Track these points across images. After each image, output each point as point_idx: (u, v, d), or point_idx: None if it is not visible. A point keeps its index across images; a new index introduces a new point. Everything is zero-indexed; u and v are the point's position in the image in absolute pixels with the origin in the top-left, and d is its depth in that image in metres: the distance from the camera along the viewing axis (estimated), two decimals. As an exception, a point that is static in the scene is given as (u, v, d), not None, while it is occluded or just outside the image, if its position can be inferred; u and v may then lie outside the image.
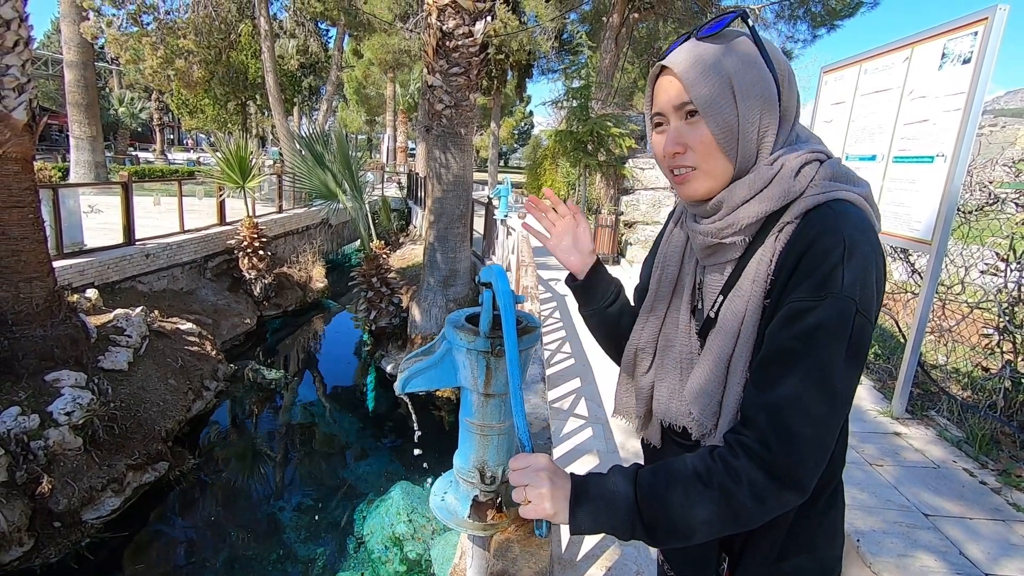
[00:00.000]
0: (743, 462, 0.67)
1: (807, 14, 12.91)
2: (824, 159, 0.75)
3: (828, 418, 0.66)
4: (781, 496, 0.66)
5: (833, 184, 0.72)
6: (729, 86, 0.72)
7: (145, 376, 5.56)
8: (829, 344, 0.65)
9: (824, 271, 0.66)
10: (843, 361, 0.65)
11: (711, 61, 0.73)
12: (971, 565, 2.08)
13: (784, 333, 0.67)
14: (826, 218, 0.69)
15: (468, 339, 0.94)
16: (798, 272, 0.68)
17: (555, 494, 0.74)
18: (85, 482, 4.21)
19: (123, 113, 30.50)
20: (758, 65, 0.73)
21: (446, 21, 6.84)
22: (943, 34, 3.16)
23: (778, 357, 0.68)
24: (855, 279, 0.65)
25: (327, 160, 8.18)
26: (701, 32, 0.75)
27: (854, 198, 0.72)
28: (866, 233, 0.68)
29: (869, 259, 0.66)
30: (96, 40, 13.20)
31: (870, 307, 0.67)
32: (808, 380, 0.65)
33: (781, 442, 0.65)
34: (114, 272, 6.83)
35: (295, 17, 21.26)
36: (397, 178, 24.45)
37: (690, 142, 0.75)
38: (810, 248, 0.67)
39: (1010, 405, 2.97)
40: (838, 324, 0.65)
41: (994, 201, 3.26)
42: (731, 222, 0.75)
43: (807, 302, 0.66)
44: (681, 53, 0.76)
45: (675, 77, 0.75)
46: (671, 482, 0.70)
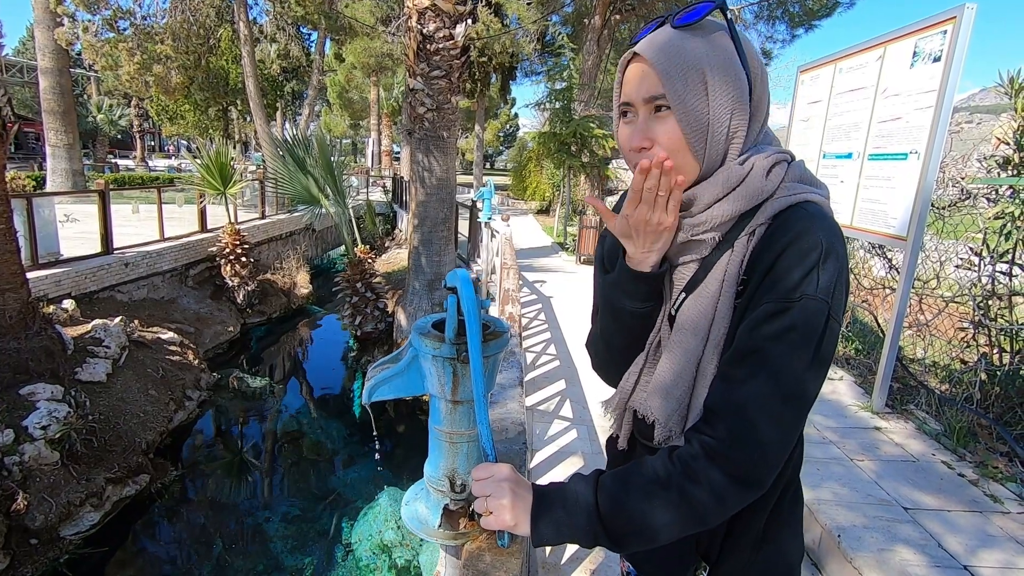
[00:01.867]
0: (703, 463, 0.66)
1: (785, 14, 13.07)
2: (790, 160, 0.75)
3: (793, 420, 0.66)
4: (741, 494, 0.67)
5: (801, 186, 0.72)
6: (703, 82, 0.69)
7: (125, 387, 5.46)
8: (800, 347, 0.64)
9: (801, 273, 0.65)
10: (811, 364, 0.65)
11: (687, 53, 0.70)
12: (950, 558, 2.10)
13: (756, 333, 0.67)
14: (802, 220, 0.68)
15: (434, 346, 0.93)
16: (774, 273, 0.67)
17: (516, 505, 0.73)
18: (63, 497, 4.12)
19: (102, 120, 30.03)
20: (733, 62, 0.71)
21: (426, 24, 6.83)
22: (914, 33, 3.21)
23: (748, 356, 0.67)
24: (829, 282, 0.65)
25: (309, 165, 8.11)
26: (678, 20, 0.72)
27: (821, 200, 0.72)
28: (839, 237, 0.68)
29: (841, 262, 0.66)
30: (71, 46, 12.98)
31: (840, 311, 0.67)
32: (776, 382, 0.64)
33: (744, 443, 0.65)
34: (92, 282, 6.70)
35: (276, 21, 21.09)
36: (382, 182, 24.35)
37: (658, 137, 0.72)
38: (787, 249, 0.66)
39: (986, 397, 3.02)
40: (810, 327, 0.64)
41: (967, 197, 3.32)
42: (705, 219, 0.73)
43: (782, 303, 0.65)
44: (656, 41, 0.72)
45: (648, 66, 0.71)
46: (630, 487, 0.70)
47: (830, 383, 3.82)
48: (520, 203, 22.12)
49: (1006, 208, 2.89)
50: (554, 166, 17.68)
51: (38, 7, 12.84)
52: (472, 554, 0.96)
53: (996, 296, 3.08)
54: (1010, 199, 2.93)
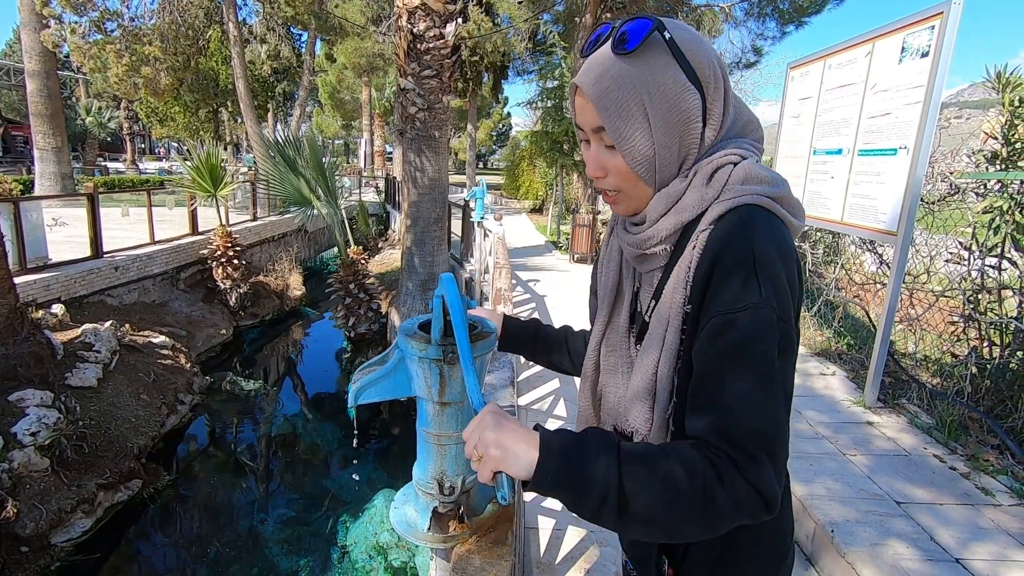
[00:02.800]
0: (725, 464, 0.61)
1: (775, 11, 13.08)
2: (737, 161, 0.73)
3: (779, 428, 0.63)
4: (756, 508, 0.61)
5: (744, 188, 0.70)
6: (643, 113, 0.70)
7: (116, 392, 5.42)
8: (761, 354, 0.63)
9: (739, 283, 0.64)
10: (776, 369, 0.64)
11: (624, 86, 0.69)
12: (942, 551, 2.11)
13: (711, 350, 0.65)
14: (733, 226, 0.68)
15: (420, 347, 0.92)
16: (713, 282, 0.67)
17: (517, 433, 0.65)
18: (53, 504, 4.08)
19: (91, 123, 29.75)
20: (677, 86, 0.70)
21: (417, 24, 6.80)
22: (902, 28, 3.22)
23: (711, 376, 0.65)
24: (769, 286, 0.64)
25: (300, 166, 8.07)
26: (617, 44, 0.71)
27: (765, 201, 0.70)
28: (773, 239, 0.67)
29: (778, 265, 0.65)
30: (58, 49, 12.85)
31: (788, 311, 0.66)
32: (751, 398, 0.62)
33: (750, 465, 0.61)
34: (81, 286, 6.64)
35: (266, 22, 20.98)
36: (375, 182, 24.27)
37: (609, 168, 0.75)
38: (720, 258, 0.66)
39: (976, 391, 3.04)
40: (764, 332, 0.63)
41: (955, 191, 3.33)
42: (651, 234, 0.75)
43: (727, 316, 0.64)
44: (594, 73, 0.72)
45: (588, 102, 0.72)
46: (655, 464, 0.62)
47: (823, 378, 3.83)
48: (513, 202, 22.11)
49: (994, 202, 2.90)
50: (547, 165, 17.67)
51: (24, 9, 12.70)
52: (462, 557, 0.95)
53: (986, 290, 3.10)
54: (998, 193, 2.94)
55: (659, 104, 0.70)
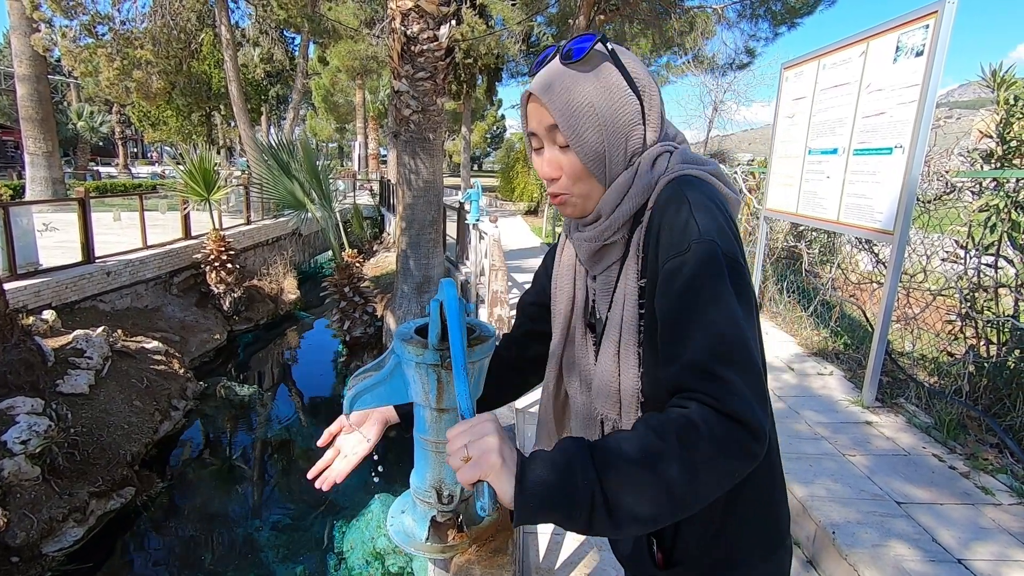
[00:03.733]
0: (693, 408, 0.60)
1: (768, 12, 13.14)
2: (673, 150, 0.80)
3: (745, 352, 0.62)
4: (738, 436, 0.58)
5: (682, 166, 0.77)
6: (595, 116, 0.76)
7: (108, 399, 5.36)
8: (712, 286, 0.65)
9: (680, 227, 0.70)
10: (732, 296, 0.65)
11: (577, 93, 0.76)
12: (944, 551, 2.10)
13: (668, 297, 0.69)
14: (671, 187, 0.75)
15: (417, 352, 0.89)
16: (661, 239, 0.72)
17: (504, 447, 0.63)
18: (44, 513, 4.02)
19: (82, 127, 29.57)
20: (621, 90, 0.77)
21: (410, 26, 6.78)
22: (896, 28, 3.22)
23: (673, 320, 0.68)
24: (709, 226, 0.68)
25: (294, 169, 8.02)
26: (565, 57, 0.78)
27: (699, 173, 0.76)
28: (708, 191, 0.73)
29: (713, 209, 0.70)
30: (49, 53, 12.76)
31: (733, 248, 0.69)
32: (710, 324, 0.63)
33: (714, 388, 0.60)
34: (73, 292, 6.57)
35: (258, 25, 20.91)
36: (369, 185, 24.22)
37: (564, 168, 0.80)
38: (663, 216, 0.73)
39: (974, 389, 3.03)
40: (711, 266, 0.66)
41: (951, 190, 3.34)
42: (609, 223, 0.80)
43: (676, 259, 0.69)
44: (548, 82, 0.78)
45: (542, 106, 0.78)
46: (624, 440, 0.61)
47: (820, 378, 3.83)
48: (508, 204, 22.10)
49: (990, 201, 2.90)
50: (542, 167, 17.62)
51: (14, 13, 12.61)
52: (461, 567, 0.93)
53: (982, 288, 3.10)
54: (994, 192, 2.94)
55: (606, 105, 0.76)
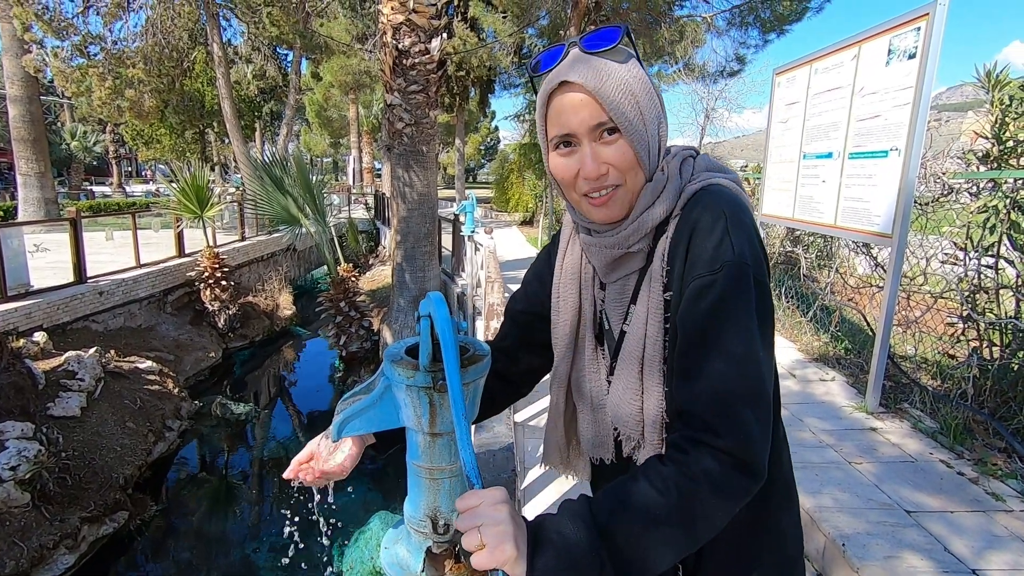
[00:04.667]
0: (694, 456, 0.63)
1: (757, 20, 13.27)
2: (695, 154, 0.81)
3: (759, 387, 0.65)
4: (740, 479, 0.62)
5: (707, 174, 0.77)
6: (636, 103, 0.73)
7: (100, 421, 5.27)
8: (739, 313, 0.65)
9: (714, 244, 0.68)
10: (754, 326, 0.66)
11: (618, 77, 0.73)
12: (957, 561, 2.04)
13: (693, 314, 0.68)
14: (703, 199, 0.73)
15: (407, 374, 0.84)
16: (691, 253, 0.70)
17: (518, 534, 0.62)
18: (35, 540, 3.92)
19: (76, 147, 29.53)
20: (650, 84, 0.76)
21: (402, 39, 6.80)
22: (888, 31, 3.22)
23: (695, 339, 0.67)
24: (743, 245, 0.67)
25: (288, 185, 8.00)
26: (590, 45, 0.74)
27: (726, 182, 0.75)
28: (741, 207, 0.72)
29: (749, 227, 0.70)
30: (41, 73, 12.76)
31: (762, 269, 0.69)
32: (731, 354, 0.64)
33: (725, 424, 0.63)
34: (64, 313, 6.49)
35: (251, 42, 21.00)
36: (364, 199, 24.22)
37: (613, 160, 0.74)
38: (696, 228, 0.70)
39: (979, 392, 2.99)
40: (741, 290, 0.66)
41: (948, 192, 3.32)
42: (637, 227, 0.76)
43: (706, 277, 0.67)
44: (586, 70, 0.73)
45: (586, 95, 0.72)
46: (627, 503, 0.62)
47: (822, 384, 3.78)
48: (504, 215, 22.10)
49: (989, 202, 2.88)
50: (536, 176, 17.69)
51: (5, 35, 12.62)
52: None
53: (983, 290, 3.06)
54: (992, 192, 2.92)
55: (644, 94, 0.74)
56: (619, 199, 0.77)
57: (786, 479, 0.84)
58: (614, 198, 0.77)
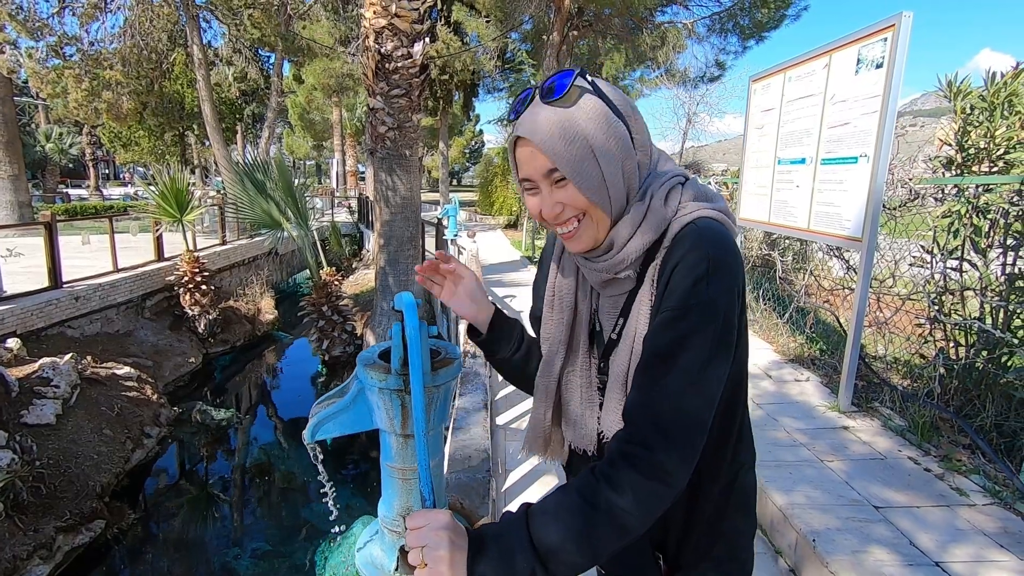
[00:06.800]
0: (620, 468, 0.70)
1: (736, 27, 13.48)
2: (684, 181, 0.83)
3: (698, 415, 0.72)
4: (658, 491, 0.70)
5: (694, 204, 0.80)
6: (588, 148, 0.76)
7: (76, 428, 5.18)
8: (696, 350, 0.71)
9: (691, 283, 0.73)
10: (710, 363, 0.72)
11: (566, 127, 0.75)
12: (922, 555, 2.11)
13: (658, 340, 0.75)
14: (692, 236, 0.76)
15: (379, 378, 0.87)
16: (671, 285, 0.75)
17: (454, 557, 0.69)
18: (7, 552, 3.84)
19: (51, 149, 28.92)
20: (608, 119, 0.77)
21: (384, 43, 6.79)
22: (856, 41, 3.32)
23: (653, 362, 0.74)
24: (719, 289, 0.73)
25: (269, 188, 7.94)
26: (546, 95, 0.77)
27: (715, 214, 0.79)
28: (726, 248, 0.75)
29: (731, 270, 0.74)
30: (15, 75, 12.50)
31: (732, 311, 0.74)
32: (680, 383, 0.71)
33: (660, 442, 0.70)
34: (39, 319, 6.37)
35: (232, 44, 20.79)
36: (348, 203, 24.07)
37: (566, 202, 0.80)
38: (680, 263, 0.75)
39: (945, 391, 3.09)
40: (704, 330, 0.72)
41: (915, 197, 3.42)
42: (622, 258, 0.81)
43: (678, 311, 0.73)
44: (535, 122, 0.77)
45: (535, 148, 0.77)
46: (560, 514, 0.70)
47: (797, 385, 3.87)
48: (488, 218, 22.13)
49: (952, 207, 2.98)
50: (520, 180, 17.67)
51: (-23, 35, 12.34)
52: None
53: (949, 292, 3.17)
54: (955, 198, 3.03)
55: (597, 134, 0.76)
56: (584, 233, 0.82)
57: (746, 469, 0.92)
58: (579, 233, 0.82)
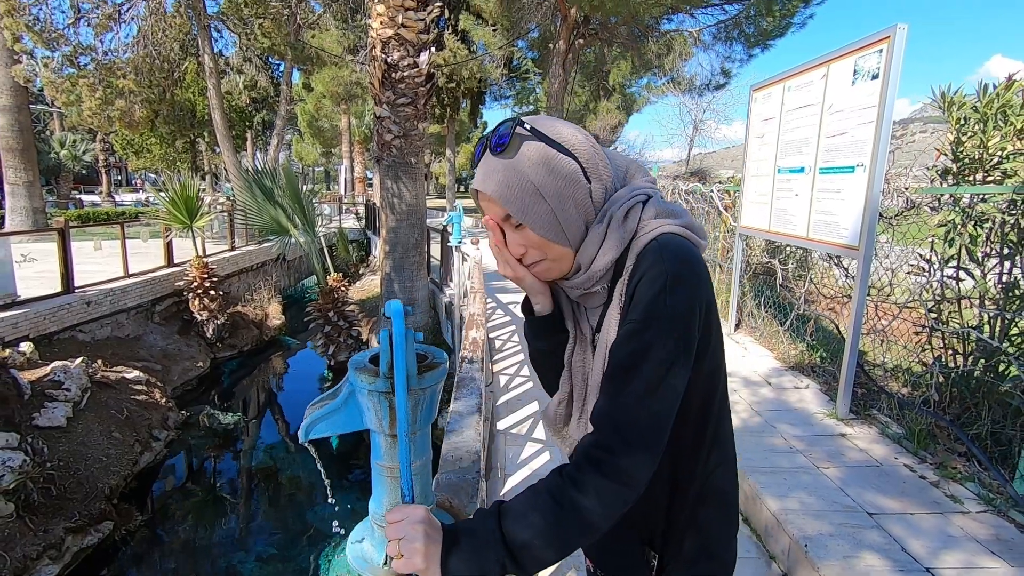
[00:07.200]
0: (584, 470, 0.75)
1: (741, 35, 13.53)
2: (645, 199, 0.85)
3: (657, 422, 0.77)
4: (618, 492, 0.75)
5: (656, 221, 0.83)
6: (535, 190, 0.81)
7: (86, 431, 5.27)
8: (656, 361, 0.76)
9: (651, 297, 0.77)
10: (671, 371, 0.76)
11: (511, 176, 0.81)
12: (913, 561, 2.13)
13: (620, 351, 0.80)
14: (653, 252, 0.80)
15: (369, 380, 0.92)
16: (635, 298, 0.80)
17: (428, 548, 0.75)
18: (18, 551, 3.92)
19: (65, 156, 29.41)
20: (551, 160, 0.81)
21: (391, 53, 6.90)
22: (853, 52, 3.36)
23: (617, 372, 0.79)
24: (678, 303, 0.76)
25: (277, 195, 8.05)
26: (493, 149, 0.83)
27: (678, 230, 0.82)
28: (687, 261, 0.79)
29: (690, 282, 0.78)
30: (31, 84, 12.75)
31: (692, 323, 0.78)
32: (641, 392, 0.76)
33: (621, 446, 0.75)
34: (51, 323, 6.49)
35: (242, 53, 21.09)
36: (355, 209, 24.24)
37: (525, 243, 0.86)
38: (642, 279, 0.79)
39: (943, 399, 3.10)
40: (664, 342, 0.76)
41: (912, 206, 3.45)
42: (590, 275, 0.85)
43: (639, 324, 0.78)
44: (487, 174, 0.84)
45: (488, 197, 0.84)
46: (528, 511, 0.76)
47: (796, 392, 3.88)
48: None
49: (947, 216, 3.01)
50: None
51: (-5, 45, 12.63)
52: (416, 590, 0.95)
53: (947, 300, 3.18)
54: (951, 207, 3.05)
55: (545, 180, 0.81)
56: (547, 270, 0.89)
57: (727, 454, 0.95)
58: (542, 270, 0.89)
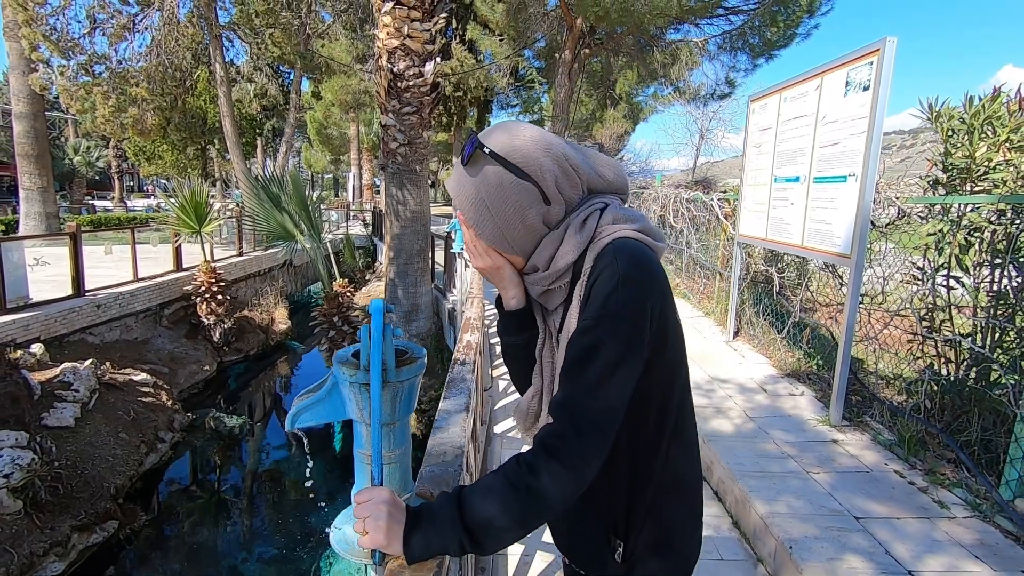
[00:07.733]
0: (540, 456, 0.80)
1: (746, 45, 13.59)
2: (603, 207, 0.90)
3: (607, 415, 0.81)
4: (569, 476, 0.79)
5: (615, 226, 0.88)
6: (485, 208, 0.88)
7: (94, 431, 5.37)
8: (606, 356, 0.81)
9: (603, 297, 0.82)
10: (620, 366, 0.81)
11: (468, 192, 0.90)
12: (896, 564, 2.16)
13: (575, 345, 0.84)
14: (607, 254, 0.84)
15: (350, 373, 1.00)
16: (591, 298, 0.85)
17: (391, 526, 0.82)
18: (25, 548, 4.01)
19: (79, 162, 29.90)
20: (505, 187, 0.87)
21: (397, 63, 7.02)
22: (845, 64, 3.42)
23: (571, 365, 0.84)
24: (627, 302, 0.81)
25: (284, 202, 8.18)
26: (462, 159, 0.91)
27: (632, 234, 0.87)
28: (640, 263, 0.83)
29: (641, 283, 0.82)
30: (47, 91, 13.03)
31: (643, 321, 0.82)
32: (591, 384, 0.81)
33: (571, 435, 0.80)
34: (62, 325, 6.63)
35: (253, 62, 21.42)
36: (362, 215, 24.45)
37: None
38: (598, 279, 0.84)
39: (934, 406, 3.13)
40: (614, 339, 0.81)
41: (902, 216, 3.49)
42: (550, 273, 0.91)
43: (591, 321, 0.83)
44: (457, 183, 0.92)
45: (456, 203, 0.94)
46: (487, 494, 0.82)
47: (791, 399, 3.91)
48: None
49: (936, 225, 3.05)
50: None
51: (12, 53, 12.92)
52: (393, 572, 1.02)
53: (938, 308, 3.22)
54: (941, 217, 3.09)
55: (492, 198, 0.88)
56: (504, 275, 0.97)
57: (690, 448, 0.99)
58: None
